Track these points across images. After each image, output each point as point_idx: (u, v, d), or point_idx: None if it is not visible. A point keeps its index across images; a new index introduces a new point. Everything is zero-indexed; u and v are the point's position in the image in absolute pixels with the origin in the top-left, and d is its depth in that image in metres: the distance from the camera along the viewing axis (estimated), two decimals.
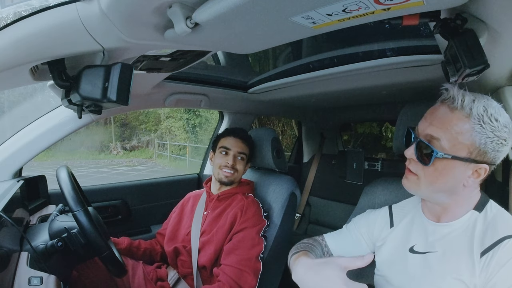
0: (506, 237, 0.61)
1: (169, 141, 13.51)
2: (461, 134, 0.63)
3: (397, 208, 0.87)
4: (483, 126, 0.62)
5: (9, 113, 3.04)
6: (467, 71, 0.61)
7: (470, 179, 0.66)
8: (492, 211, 0.69)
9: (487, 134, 0.62)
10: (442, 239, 0.71)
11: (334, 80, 1.34)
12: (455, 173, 0.65)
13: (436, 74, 1.01)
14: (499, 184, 1.46)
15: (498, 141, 0.63)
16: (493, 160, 0.65)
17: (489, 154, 0.64)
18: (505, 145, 0.64)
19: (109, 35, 0.66)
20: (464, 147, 0.64)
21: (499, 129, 0.63)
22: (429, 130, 0.67)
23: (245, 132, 1.44)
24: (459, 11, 0.61)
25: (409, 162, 0.72)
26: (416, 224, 0.79)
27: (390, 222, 0.85)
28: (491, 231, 0.64)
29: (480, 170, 0.65)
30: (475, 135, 0.63)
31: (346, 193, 2.21)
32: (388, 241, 0.82)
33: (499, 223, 0.65)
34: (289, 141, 7.28)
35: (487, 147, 0.63)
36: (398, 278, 0.76)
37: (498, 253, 0.61)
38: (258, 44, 0.79)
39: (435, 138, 0.66)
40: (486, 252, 0.62)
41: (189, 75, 1.43)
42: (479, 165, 0.64)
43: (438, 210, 0.73)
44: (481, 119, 0.62)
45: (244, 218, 1.23)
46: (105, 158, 13.71)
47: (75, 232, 0.88)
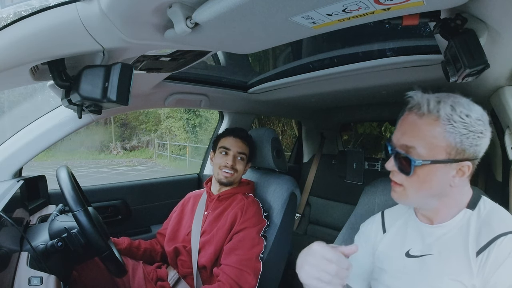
0: (501, 235, 0.61)
1: (169, 141, 13.51)
2: (434, 138, 0.63)
3: (389, 213, 0.87)
4: (454, 126, 0.62)
5: (9, 113, 3.04)
6: (467, 71, 0.61)
7: (455, 178, 0.65)
8: (485, 208, 0.68)
9: (460, 132, 0.62)
10: (438, 240, 0.70)
11: (334, 80, 1.34)
12: (438, 177, 0.65)
13: (436, 74, 1.01)
14: (499, 184, 1.46)
15: (474, 136, 0.62)
16: (474, 155, 0.64)
17: (468, 150, 0.63)
18: (483, 138, 0.64)
19: (109, 35, 0.66)
20: (441, 150, 0.63)
21: (472, 124, 0.62)
22: (403, 140, 0.67)
23: (245, 132, 1.44)
24: (459, 11, 0.61)
25: (392, 174, 0.71)
26: (410, 228, 0.78)
27: (383, 228, 0.84)
28: (485, 229, 0.64)
29: (464, 168, 0.64)
30: (449, 135, 0.62)
31: (346, 193, 2.21)
32: (382, 247, 0.82)
33: (493, 220, 0.65)
34: (289, 141, 7.27)
35: (464, 145, 0.62)
36: (395, 283, 0.75)
37: (494, 251, 0.60)
38: (258, 44, 0.79)
39: (410, 147, 0.65)
40: (481, 251, 0.62)
41: (189, 75, 1.43)
42: (461, 163, 0.64)
43: (430, 213, 0.73)
44: (451, 119, 0.62)
45: (244, 218, 1.23)
46: (105, 158, 13.71)
47: (75, 232, 0.88)
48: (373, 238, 0.85)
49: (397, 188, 0.71)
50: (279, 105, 1.95)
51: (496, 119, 1.22)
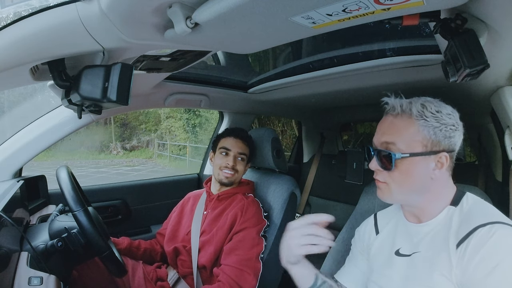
0: (479, 226, 0.62)
1: (169, 141, 13.51)
2: (411, 133, 0.69)
3: (382, 214, 0.90)
4: (427, 120, 0.68)
5: (9, 113, 3.04)
6: (467, 71, 0.61)
7: (435, 171, 0.69)
8: (468, 204, 0.70)
9: (433, 125, 0.67)
10: (424, 238, 0.72)
11: (334, 80, 1.34)
12: (418, 170, 0.69)
13: (436, 74, 1.01)
14: (499, 184, 1.46)
15: (447, 128, 0.68)
16: (450, 147, 0.69)
17: (443, 142, 0.68)
18: (455, 130, 0.69)
19: (109, 35, 0.66)
20: (417, 143, 0.68)
21: (443, 117, 0.68)
22: (383, 138, 0.72)
23: (245, 132, 1.44)
24: (459, 11, 0.61)
25: (376, 173, 0.75)
26: (400, 228, 0.80)
27: (376, 230, 0.87)
28: (465, 223, 0.65)
29: (441, 159, 0.68)
30: (423, 129, 0.68)
31: (346, 193, 2.21)
32: (376, 248, 0.84)
33: (473, 214, 0.66)
34: (289, 141, 7.27)
35: (438, 137, 0.68)
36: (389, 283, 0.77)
37: (472, 242, 0.61)
38: (258, 44, 0.79)
39: (390, 143, 0.70)
40: (460, 243, 0.63)
41: (189, 75, 1.43)
42: (438, 154, 0.68)
43: (417, 211, 0.75)
44: (423, 115, 0.68)
45: (244, 218, 1.23)
46: (105, 158, 13.71)
47: (75, 232, 0.88)
48: (367, 241, 0.88)
49: (381, 185, 0.74)
50: (279, 105, 1.95)
51: (496, 119, 1.22)
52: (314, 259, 0.87)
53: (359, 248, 0.90)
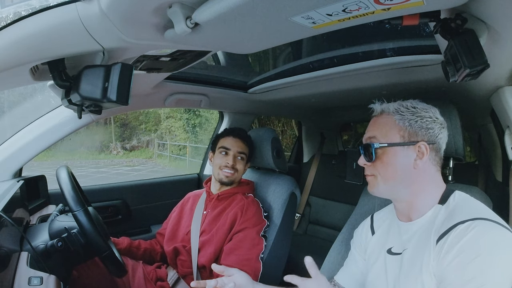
0: (459, 223, 0.63)
1: (169, 141, 13.51)
2: (388, 126, 0.75)
3: (378, 216, 0.91)
4: (402, 114, 0.74)
5: (9, 113, 3.04)
6: (467, 71, 0.61)
7: (417, 161, 0.72)
8: (454, 201, 0.71)
9: (408, 117, 0.73)
10: (413, 236, 0.73)
11: (334, 80, 1.34)
12: (399, 159, 0.73)
13: (436, 74, 1.01)
14: (499, 184, 1.46)
15: (423, 120, 0.73)
16: (429, 138, 0.73)
17: (420, 132, 0.73)
18: (433, 122, 0.74)
19: (109, 35, 0.66)
20: (395, 134, 0.74)
21: (418, 111, 0.74)
22: (367, 135, 0.79)
23: (244, 132, 1.44)
24: (459, 11, 0.61)
25: (365, 169, 0.80)
26: (392, 228, 0.82)
27: (371, 231, 0.89)
28: (447, 220, 0.66)
29: (421, 149, 0.72)
30: (399, 121, 0.74)
31: (346, 193, 2.21)
32: (371, 248, 0.86)
33: (457, 211, 0.67)
34: (289, 141, 7.27)
35: (413, 127, 0.73)
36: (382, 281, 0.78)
37: (450, 237, 0.62)
38: (258, 44, 0.79)
39: (372, 137, 0.77)
40: (440, 238, 0.64)
41: (189, 75, 1.43)
42: (417, 144, 0.72)
43: (406, 209, 0.76)
44: (399, 110, 0.75)
45: (244, 218, 1.23)
46: (105, 158, 13.71)
47: (75, 232, 0.88)
48: (364, 241, 0.89)
49: (369, 178, 0.79)
50: (279, 105, 1.95)
51: (496, 119, 1.22)
52: (314, 259, 0.87)
53: (357, 249, 0.92)
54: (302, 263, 0.88)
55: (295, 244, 1.67)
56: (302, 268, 1.83)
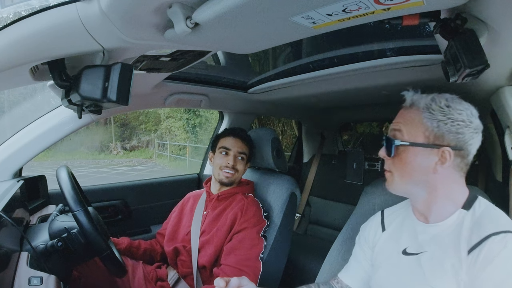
0: (492, 234, 0.61)
1: (169, 141, 13.51)
2: (414, 123, 0.70)
3: (389, 212, 0.88)
4: (432, 113, 0.68)
5: (9, 113, 3.04)
6: (467, 71, 0.61)
7: (438, 165, 0.68)
8: (480, 208, 0.68)
9: (438, 118, 0.67)
10: (432, 239, 0.71)
11: (334, 80, 1.34)
12: (419, 160, 0.69)
13: (436, 74, 1.01)
14: (499, 184, 1.46)
15: (453, 123, 0.66)
16: (457, 144, 0.67)
17: (447, 137, 0.67)
18: (465, 127, 0.67)
19: (109, 35, 0.66)
20: (419, 134, 0.69)
21: (451, 112, 0.67)
22: (392, 126, 0.75)
23: (244, 132, 1.44)
24: (459, 11, 0.61)
25: (385, 163, 0.77)
26: (407, 226, 0.79)
27: (382, 227, 0.86)
28: (477, 229, 0.64)
29: (445, 154, 0.67)
30: (426, 121, 0.68)
31: (346, 193, 2.21)
32: (381, 245, 0.83)
33: (485, 220, 0.65)
34: (289, 141, 7.27)
35: (441, 130, 0.67)
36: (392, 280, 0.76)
37: (484, 250, 0.61)
38: (258, 44, 0.79)
39: (396, 129, 0.73)
40: (472, 249, 0.62)
41: (189, 75, 1.43)
42: (441, 149, 0.67)
43: (423, 209, 0.74)
44: (430, 107, 0.68)
45: (244, 218, 1.23)
46: (105, 158, 13.70)
47: (75, 232, 0.88)
48: (372, 238, 0.86)
49: (387, 174, 0.76)
50: (279, 105, 1.95)
51: (496, 119, 1.22)
52: (314, 259, 0.87)
53: (363, 245, 0.89)
54: (302, 263, 0.88)
55: (295, 244, 1.67)
56: (302, 268, 1.83)
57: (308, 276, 1.42)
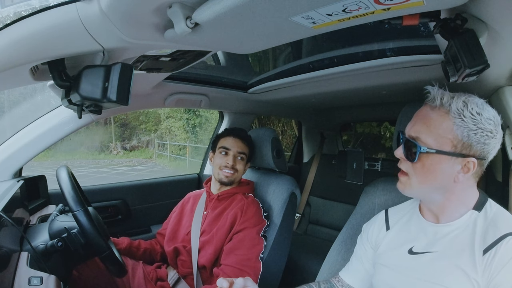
0: (508, 234, 0.61)
1: (169, 141, 13.51)
2: (442, 129, 0.66)
3: (393, 211, 0.88)
4: (464, 120, 0.64)
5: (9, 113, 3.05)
6: (467, 71, 0.61)
7: (460, 174, 0.66)
8: (492, 210, 0.69)
9: (469, 127, 0.64)
10: (443, 238, 0.71)
11: (334, 80, 1.34)
12: (442, 168, 0.67)
13: (436, 74, 1.01)
14: (499, 184, 1.46)
15: (483, 134, 0.64)
16: (481, 154, 0.66)
17: (475, 147, 0.65)
18: (492, 138, 0.65)
19: (109, 35, 0.66)
20: (447, 141, 0.65)
21: (482, 121, 0.64)
22: (414, 129, 0.70)
23: (244, 132, 1.44)
24: (459, 11, 0.61)
25: (400, 162, 0.74)
26: (414, 226, 0.79)
27: (386, 226, 0.85)
28: (492, 229, 0.64)
29: (469, 164, 0.65)
30: (457, 128, 0.64)
31: (346, 193, 2.21)
32: (385, 244, 0.82)
33: (499, 221, 0.65)
34: (289, 141, 7.27)
35: (471, 140, 0.64)
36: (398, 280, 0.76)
37: (500, 250, 0.61)
38: (258, 44, 0.79)
39: (419, 135, 0.68)
40: (488, 249, 0.62)
41: (189, 75, 1.43)
42: (466, 158, 0.65)
43: (436, 210, 0.73)
44: (461, 113, 0.64)
45: (244, 218, 1.23)
46: (105, 158, 13.69)
47: (75, 232, 0.88)
48: (376, 237, 0.86)
49: (402, 177, 0.73)
50: (279, 105, 1.95)
51: None
52: (314, 259, 0.87)
53: (365, 244, 0.88)
54: (302, 263, 0.87)
55: (295, 244, 1.67)
56: (302, 268, 1.83)
57: (308, 276, 1.42)
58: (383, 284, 0.79)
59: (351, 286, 0.89)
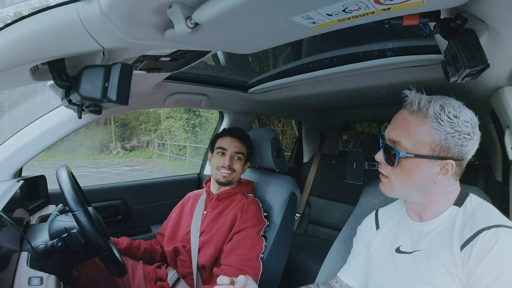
0: (484, 229, 0.62)
1: (169, 141, 13.51)
2: (420, 133, 0.67)
3: (383, 211, 0.90)
4: (441, 124, 0.65)
5: (9, 113, 3.05)
6: (467, 71, 0.61)
7: (439, 176, 0.68)
8: (471, 204, 0.70)
9: (446, 130, 0.65)
10: (426, 236, 0.72)
11: (334, 80, 1.34)
12: (421, 171, 0.68)
13: (436, 74, 1.01)
14: (499, 184, 1.46)
15: (460, 136, 0.65)
16: (459, 155, 0.67)
17: (453, 149, 0.66)
18: (470, 139, 0.66)
19: (109, 35, 0.66)
20: (425, 145, 0.67)
21: (459, 124, 0.65)
22: (392, 134, 0.71)
23: (242, 132, 1.43)
24: (459, 11, 0.61)
25: (381, 166, 0.76)
26: (402, 226, 0.80)
27: (376, 225, 0.87)
28: (469, 224, 0.65)
29: (447, 166, 0.67)
30: (434, 132, 0.65)
31: (346, 193, 2.21)
32: (376, 245, 0.84)
33: (477, 216, 0.66)
34: (289, 141, 7.28)
35: (448, 143, 0.65)
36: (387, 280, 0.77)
37: (476, 245, 0.61)
38: (258, 44, 0.79)
39: (397, 140, 0.69)
40: (465, 245, 0.63)
41: (189, 75, 1.43)
42: (444, 161, 0.66)
43: (419, 209, 0.75)
44: (439, 117, 0.65)
45: (244, 218, 1.23)
46: (105, 158, 13.70)
47: (75, 232, 0.88)
48: (368, 236, 0.88)
49: (383, 179, 0.76)
50: (279, 105, 1.95)
51: (496, 119, 1.22)
52: (314, 259, 0.87)
53: (360, 245, 0.90)
54: (302, 263, 0.88)
55: (295, 244, 1.67)
56: (302, 268, 1.83)
57: (308, 276, 1.42)
58: (375, 284, 0.81)
59: (350, 286, 0.90)
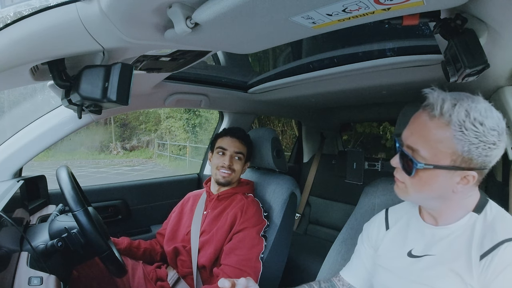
0: (505, 241, 0.60)
1: (169, 141, 13.51)
2: (441, 143, 0.61)
3: (393, 210, 0.87)
4: (465, 133, 0.59)
5: (9, 113, 3.05)
6: (467, 71, 0.61)
7: (458, 185, 0.63)
8: (491, 213, 0.67)
9: (470, 140, 0.59)
10: (441, 241, 0.70)
11: (334, 80, 1.34)
12: (440, 182, 0.64)
13: (436, 74, 1.01)
14: (499, 184, 1.46)
15: (485, 146, 0.59)
16: (482, 165, 0.62)
17: (476, 160, 0.60)
18: (494, 149, 0.60)
19: (109, 35, 0.66)
20: (446, 156, 0.61)
21: (485, 133, 0.58)
22: (410, 140, 0.66)
23: (242, 131, 1.43)
24: (459, 11, 0.61)
25: (396, 170, 0.71)
26: (413, 227, 0.78)
27: (386, 225, 0.85)
28: (490, 234, 0.63)
29: (468, 177, 0.62)
30: (457, 142, 0.59)
31: (346, 193, 2.21)
32: (385, 245, 0.82)
33: (498, 225, 0.63)
34: (289, 141, 7.28)
35: (471, 154, 0.60)
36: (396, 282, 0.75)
37: (497, 257, 0.59)
38: (258, 44, 0.79)
39: (416, 148, 0.64)
40: (485, 255, 0.61)
41: (189, 75, 1.43)
42: (466, 172, 0.61)
43: (434, 213, 0.72)
44: (463, 126, 0.59)
45: (244, 218, 1.23)
46: (105, 158, 13.69)
47: (75, 232, 0.88)
48: (375, 236, 0.85)
49: (399, 184, 0.71)
50: (279, 105, 1.95)
51: None
52: (314, 259, 0.87)
53: (365, 244, 0.88)
54: (302, 263, 0.87)
55: (295, 244, 1.66)
56: (302, 268, 1.83)
57: (308, 276, 1.42)
58: (382, 286, 0.79)
59: (352, 285, 0.89)
